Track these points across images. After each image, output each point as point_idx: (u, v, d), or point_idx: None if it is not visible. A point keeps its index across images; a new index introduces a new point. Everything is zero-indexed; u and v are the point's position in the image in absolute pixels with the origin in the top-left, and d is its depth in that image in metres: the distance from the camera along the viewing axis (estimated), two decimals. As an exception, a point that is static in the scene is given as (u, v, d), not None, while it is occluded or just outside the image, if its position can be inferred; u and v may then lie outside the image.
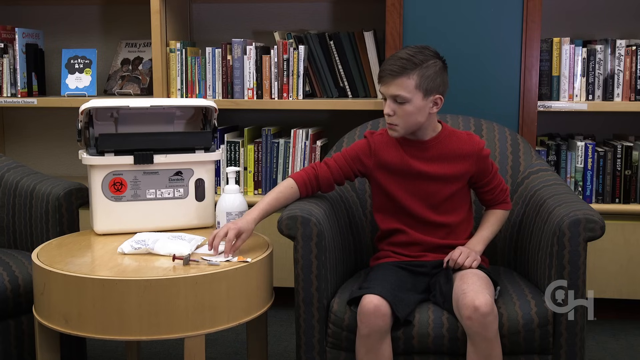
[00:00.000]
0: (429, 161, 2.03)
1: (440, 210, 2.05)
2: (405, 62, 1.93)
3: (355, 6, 3.10)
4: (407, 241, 2.05)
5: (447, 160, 2.04)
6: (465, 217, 2.09)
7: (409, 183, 2.04)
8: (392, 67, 1.94)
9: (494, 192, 2.10)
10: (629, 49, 2.74)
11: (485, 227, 2.08)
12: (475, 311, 1.75)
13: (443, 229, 2.05)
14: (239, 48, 2.90)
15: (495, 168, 2.10)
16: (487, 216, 2.12)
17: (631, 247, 2.76)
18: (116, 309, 1.69)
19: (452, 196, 2.05)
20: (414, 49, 1.97)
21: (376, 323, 1.80)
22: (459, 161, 2.04)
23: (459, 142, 2.05)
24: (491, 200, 2.12)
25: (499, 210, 2.12)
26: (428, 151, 2.04)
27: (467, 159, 2.04)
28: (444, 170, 2.03)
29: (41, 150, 3.38)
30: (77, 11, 3.29)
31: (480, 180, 2.08)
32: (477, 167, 2.05)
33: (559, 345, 1.87)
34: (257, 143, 2.95)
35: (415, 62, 1.93)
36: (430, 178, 2.03)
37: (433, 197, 2.04)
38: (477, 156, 2.04)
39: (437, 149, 2.04)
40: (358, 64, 2.97)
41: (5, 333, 2.05)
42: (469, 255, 1.96)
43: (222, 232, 1.89)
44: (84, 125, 2.09)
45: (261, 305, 1.89)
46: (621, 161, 2.77)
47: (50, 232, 2.21)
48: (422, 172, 2.03)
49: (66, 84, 3.08)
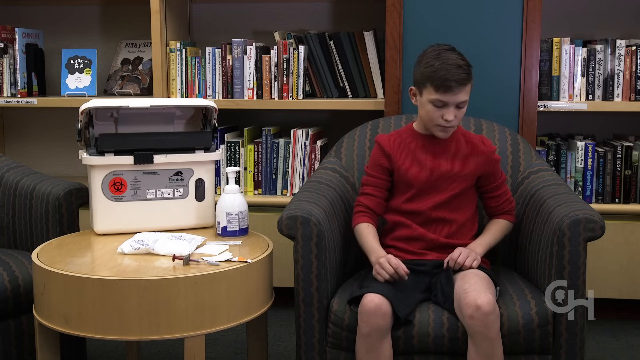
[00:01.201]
0: (441, 157, 2.08)
1: (444, 207, 2.06)
2: (467, 68, 1.99)
3: (355, 6, 3.10)
4: (410, 235, 2.06)
5: (458, 158, 2.08)
6: (470, 218, 2.10)
7: (417, 174, 2.07)
8: (459, 75, 1.96)
9: (500, 200, 2.13)
10: (629, 49, 2.74)
11: (488, 234, 2.10)
12: (477, 310, 1.75)
13: (448, 226, 2.06)
14: (239, 48, 2.89)
15: (503, 177, 2.15)
16: (491, 224, 2.14)
17: (631, 247, 2.76)
18: (116, 309, 1.69)
19: (459, 194, 2.07)
20: (456, 52, 2.02)
21: (377, 322, 1.80)
22: (469, 160, 2.08)
23: (471, 142, 2.11)
24: (495, 208, 2.14)
25: (502, 220, 2.14)
26: (440, 148, 2.08)
27: (478, 159, 2.08)
28: (453, 167, 2.07)
29: (41, 150, 3.38)
30: (77, 11, 3.29)
31: (487, 185, 2.11)
32: (486, 168, 2.09)
33: (559, 345, 1.87)
34: (257, 143, 2.95)
35: (470, 65, 2.00)
36: (439, 173, 2.06)
37: (440, 193, 2.06)
38: (487, 158, 2.09)
39: (450, 146, 2.09)
40: (358, 64, 2.97)
41: (5, 333, 2.05)
42: (469, 255, 1.97)
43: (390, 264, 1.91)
44: (84, 125, 2.09)
45: (261, 305, 1.89)
46: (621, 161, 2.77)
47: (50, 232, 2.21)
48: (432, 168, 2.06)
49: (66, 84, 3.08)
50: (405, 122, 2.39)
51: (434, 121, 2.01)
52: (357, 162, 2.38)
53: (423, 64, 2.01)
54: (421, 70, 2.01)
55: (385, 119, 2.49)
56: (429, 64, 1.98)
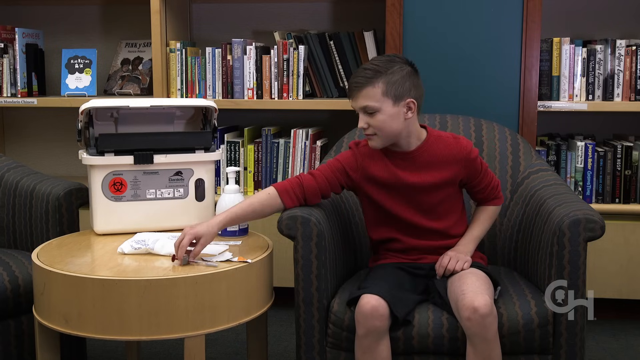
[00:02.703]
0: (417, 170, 2.00)
1: (432, 216, 2.03)
2: (369, 72, 1.91)
3: (355, 6, 3.10)
4: (403, 248, 2.05)
5: (436, 168, 2.00)
6: (458, 219, 2.07)
7: (398, 193, 2.02)
8: (356, 79, 1.92)
9: (485, 191, 2.08)
10: (629, 49, 2.74)
11: (476, 226, 2.07)
12: (474, 312, 1.75)
13: (437, 233, 2.03)
14: (239, 48, 2.90)
15: (484, 166, 2.07)
16: (478, 213, 2.10)
17: (631, 247, 2.76)
18: (116, 309, 1.69)
19: (443, 201, 2.03)
20: (378, 59, 1.96)
21: (373, 324, 1.79)
22: (447, 167, 2.01)
23: (446, 148, 2.01)
24: (483, 199, 2.10)
25: (490, 207, 2.10)
26: (415, 160, 2.00)
27: (456, 164, 2.01)
28: (433, 178, 2.00)
29: (41, 150, 3.38)
30: (77, 11, 3.29)
31: (470, 182, 2.06)
32: (467, 170, 2.03)
33: (559, 345, 1.87)
34: (257, 143, 2.95)
35: (379, 70, 1.91)
36: (420, 187, 2.00)
37: (424, 204, 2.02)
38: (465, 160, 2.01)
39: (424, 157, 2.00)
40: (358, 64, 2.97)
41: (5, 333, 2.05)
42: (458, 259, 1.95)
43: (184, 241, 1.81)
44: (84, 125, 2.09)
45: (261, 305, 1.89)
46: (621, 161, 2.77)
47: (50, 232, 2.21)
48: (411, 184, 2.00)
49: (66, 84, 3.08)
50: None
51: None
52: (357, 162, 2.37)
53: None
54: None
55: (385, 119, 2.49)
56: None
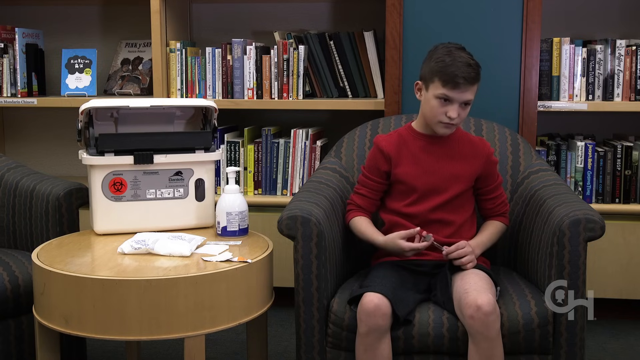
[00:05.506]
0: (442, 158, 2.08)
1: (445, 209, 2.06)
2: (476, 68, 1.99)
3: (355, 6, 3.10)
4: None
5: (459, 159, 2.08)
6: (468, 218, 2.10)
7: (420, 178, 2.07)
8: (469, 74, 1.96)
9: (496, 202, 2.14)
10: (629, 49, 2.74)
11: (485, 235, 2.11)
12: (477, 310, 1.75)
13: (447, 227, 2.06)
14: (239, 48, 2.89)
15: (500, 179, 2.15)
16: (487, 225, 2.14)
17: (631, 247, 2.76)
18: (116, 309, 1.69)
19: (459, 195, 2.07)
20: (467, 52, 2.02)
21: (376, 322, 1.80)
22: (469, 161, 2.08)
23: (471, 143, 2.12)
24: (491, 210, 2.14)
25: (498, 222, 2.14)
26: (442, 148, 2.08)
27: (477, 160, 2.09)
28: (455, 168, 2.07)
29: (41, 150, 3.38)
30: (77, 11, 3.28)
31: (484, 186, 2.12)
32: (485, 170, 2.10)
33: (559, 345, 1.87)
34: (257, 143, 2.95)
35: (479, 66, 2.00)
36: (442, 175, 2.06)
37: (441, 194, 2.06)
38: (486, 159, 2.10)
39: (450, 147, 2.09)
40: (358, 64, 2.97)
41: (5, 333, 2.05)
42: (472, 260, 1.97)
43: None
44: (84, 125, 2.09)
45: (261, 305, 1.89)
46: (621, 161, 2.76)
47: (50, 232, 2.21)
48: (435, 169, 2.07)
49: (66, 84, 3.08)
50: (405, 122, 2.39)
51: (437, 117, 2.01)
52: (357, 162, 2.38)
53: (434, 59, 2.00)
54: (431, 65, 2.00)
55: (385, 119, 2.49)
56: (440, 59, 1.98)
